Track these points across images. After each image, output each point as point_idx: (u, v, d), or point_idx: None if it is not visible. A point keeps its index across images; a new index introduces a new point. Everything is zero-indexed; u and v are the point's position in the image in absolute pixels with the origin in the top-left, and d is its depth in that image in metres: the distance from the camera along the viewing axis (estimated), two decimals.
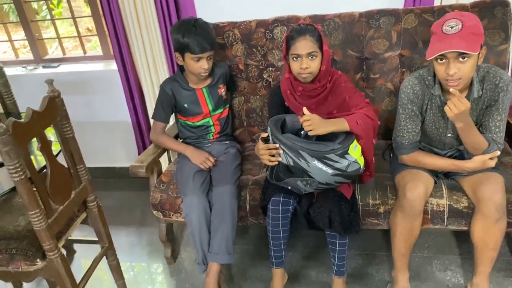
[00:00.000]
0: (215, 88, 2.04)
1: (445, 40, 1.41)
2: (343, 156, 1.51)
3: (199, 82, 2.01)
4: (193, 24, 1.86)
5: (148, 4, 2.30)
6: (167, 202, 1.96)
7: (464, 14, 1.44)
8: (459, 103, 1.40)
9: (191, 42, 1.82)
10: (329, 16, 2.10)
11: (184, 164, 1.97)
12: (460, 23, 1.40)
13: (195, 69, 1.89)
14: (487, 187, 1.55)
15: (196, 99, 2.00)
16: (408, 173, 1.71)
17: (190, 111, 2.01)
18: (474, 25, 1.41)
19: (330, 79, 1.73)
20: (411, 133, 1.68)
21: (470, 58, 1.41)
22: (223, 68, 2.10)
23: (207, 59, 1.88)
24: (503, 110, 1.55)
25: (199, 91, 2.00)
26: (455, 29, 1.40)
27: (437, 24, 1.47)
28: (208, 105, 2.02)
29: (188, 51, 1.85)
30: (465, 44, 1.38)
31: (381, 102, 2.11)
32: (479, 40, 1.42)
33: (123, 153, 2.96)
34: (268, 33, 2.16)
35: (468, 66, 1.42)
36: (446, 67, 1.44)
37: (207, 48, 1.85)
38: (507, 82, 1.52)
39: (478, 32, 1.42)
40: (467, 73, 1.44)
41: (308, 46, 1.62)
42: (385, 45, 2.07)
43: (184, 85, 1.99)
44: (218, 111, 2.07)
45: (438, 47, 1.42)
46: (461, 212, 1.67)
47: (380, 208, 1.76)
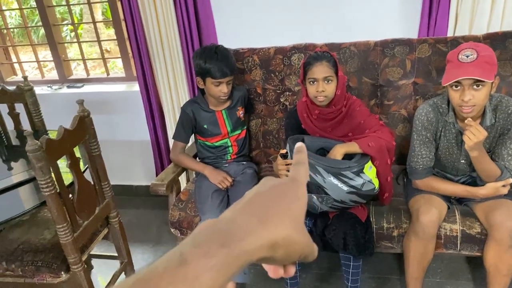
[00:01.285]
0: (234, 110, 2.12)
1: (461, 68, 1.48)
2: (358, 174, 1.58)
3: (219, 105, 2.09)
4: (215, 51, 1.96)
5: (172, 30, 2.41)
6: (185, 220, 2.01)
7: (479, 45, 1.52)
8: (478, 132, 1.46)
9: (212, 67, 1.92)
10: (345, 44, 2.18)
11: (202, 183, 2.03)
12: (475, 52, 1.47)
13: (215, 93, 1.99)
14: (499, 213, 1.59)
15: (216, 121, 2.08)
16: (422, 198, 1.75)
17: (209, 131, 2.09)
18: (488, 55, 1.48)
19: (345, 104, 1.81)
20: (425, 159, 1.73)
21: (484, 87, 1.47)
22: (241, 91, 2.19)
23: (227, 84, 1.98)
24: None
25: (219, 113, 2.09)
26: (471, 58, 1.47)
27: (452, 53, 1.54)
28: (226, 127, 2.10)
29: (209, 76, 1.94)
30: (480, 72, 1.45)
31: (395, 128, 2.17)
32: (493, 70, 1.48)
33: (141, 172, 3.04)
34: (286, 60, 2.24)
35: (482, 93, 1.48)
36: (461, 94, 1.50)
37: (227, 73, 1.94)
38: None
39: (492, 62, 1.49)
40: (481, 101, 1.50)
41: (324, 70, 1.71)
42: (399, 73, 2.13)
43: (204, 107, 2.07)
44: (236, 132, 2.14)
45: (454, 74, 1.49)
46: (474, 238, 1.70)
47: (394, 231, 1.79)
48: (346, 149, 1.68)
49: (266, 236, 0.37)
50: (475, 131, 1.46)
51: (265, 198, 0.41)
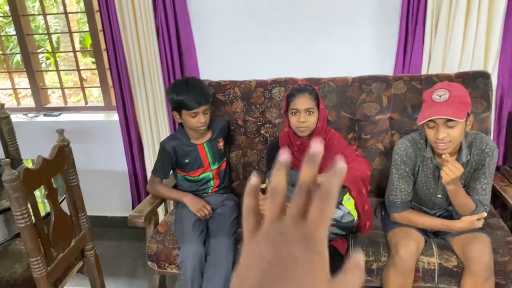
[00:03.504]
0: (215, 142, 2.12)
1: (434, 107, 1.54)
2: (337, 206, 1.60)
3: (200, 137, 2.08)
4: (186, 83, 1.98)
5: (154, 61, 2.42)
6: (163, 253, 1.97)
7: (452, 85, 1.59)
8: (455, 168, 1.51)
9: (185, 99, 1.92)
10: (324, 79, 2.25)
11: (182, 213, 2.01)
12: (448, 92, 1.54)
13: (193, 124, 1.98)
14: (475, 247, 1.63)
15: (198, 154, 2.07)
16: (400, 231, 1.78)
17: (191, 165, 2.07)
18: (461, 95, 1.55)
19: (325, 137, 1.85)
20: (404, 193, 1.77)
21: (458, 125, 1.53)
22: (222, 122, 2.20)
23: (203, 114, 1.97)
24: (489, 174, 1.66)
25: (200, 146, 2.08)
26: (443, 97, 1.54)
27: (427, 92, 1.61)
28: (208, 159, 2.10)
29: (184, 108, 1.94)
30: (451, 111, 1.51)
31: (372, 161, 2.22)
32: (465, 109, 1.55)
33: (116, 202, 2.98)
34: (267, 93, 2.28)
35: (456, 131, 1.54)
36: (436, 132, 1.56)
37: (201, 102, 1.94)
38: (492, 148, 1.65)
39: (465, 101, 1.56)
40: (455, 138, 1.56)
41: (306, 102, 1.76)
42: (376, 109, 2.20)
43: (185, 141, 2.06)
44: (217, 165, 2.13)
45: (427, 114, 1.55)
46: (451, 271, 1.73)
47: (373, 264, 1.80)
48: None
49: None
50: (452, 167, 1.52)
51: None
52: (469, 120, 1.60)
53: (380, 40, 2.34)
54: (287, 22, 2.40)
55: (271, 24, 2.41)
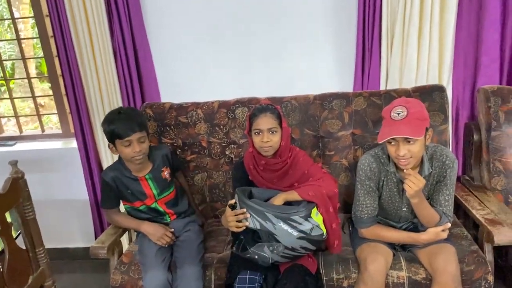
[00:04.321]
0: (158, 172, 1.98)
1: (393, 126, 1.57)
2: (306, 219, 1.61)
3: (141, 169, 1.95)
4: (118, 111, 1.88)
5: (113, 85, 2.38)
6: (128, 284, 1.89)
7: (409, 101, 1.62)
8: (417, 181, 1.54)
9: (116, 127, 1.81)
10: (286, 98, 2.26)
11: (144, 242, 1.93)
12: (406, 110, 1.57)
13: (128, 154, 1.84)
14: (441, 258, 1.64)
15: (140, 187, 1.95)
16: (368, 246, 1.78)
17: (135, 197, 1.96)
18: (418, 111, 1.58)
19: (290, 155, 1.85)
20: (370, 208, 1.78)
21: (417, 141, 1.56)
22: (163, 150, 2.06)
23: (138, 142, 1.84)
24: (450, 185, 1.70)
25: (142, 178, 1.95)
26: (401, 115, 1.57)
27: (386, 110, 1.64)
28: (152, 191, 1.97)
29: (117, 138, 1.82)
30: (410, 129, 1.54)
31: (337, 177, 2.23)
32: (423, 124, 1.58)
33: (78, 233, 2.86)
34: (230, 113, 2.27)
35: (416, 147, 1.57)
36: (396, 149, 1.59)
37: (135, 129, 1.82)
38: (452, 159, 1.69)
39: (423, 117, 1.59)
40: (415, 153, 1.58)
41: (269, 122, 1.76)
42: (338, 125, 2.22)
43: (126, 173, 1.94)
44: (164, 195, 2.01)
45: (386, 132, 1.58)
46: (420, 284, 1.74)
47: (344, 282, 1.79)
48: (286, 197, 1.72)
49: None
50: (414, 180, 1.54)
51: None
52: (428, 134, 1.63)
53: (339, 58, 2.40)
54: (248, 42, 2.42)
55: (232, 44, 2.43)
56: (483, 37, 2.17)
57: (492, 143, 2.13)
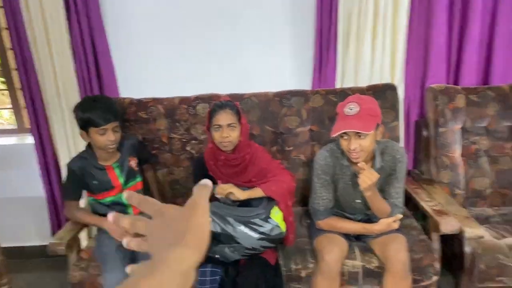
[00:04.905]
0: (125, 162, 2.00)
1: (345, 120, 1.65)
2: (266, 220, 1.66)
3: (109, 158, 1.96)
4: (93, 100, 1.90)
5: (70, 81, 2.33)
6: (88, 280, 1.88)
7: (362, 98, 1.71)
8: (370, 175, 1.63)
9: (92, 115, 1.81)
10: (247, 95, 2.31)
11: (104, 238, 1.92)
12: (358, 106, 1.65)
13: (102, 143, 1.86)
14: (392, 247, 1.75)
15: (106, 176, 1.95)
16: (325, 238, 1.86)
17: (101, 187, 1.96)
18: (370, 108, 1.67)
19: (249, 151, 1.90)
20: (326, 200, 1.86)
21: (368, 136, 1.65)
22: (131, 140, 2.08)
23: (113, 131, 1.86)
24: (401, 179, 1.80)
25: (109, 167, 1.96)
26: (354, 111, 1.65)
27: (340, 105, 1.72)
28: (119, 179, 1.98)
29: (92, 125, 1.83)
30: (361, 124, 1.63)
31: (296, 172, 2.30)
32: (374, 120, 1.67)
33: (34, 231, 2.78)
34: (191, 109, 2.29)
35: (367, 141, 1.66)
36: (348, 143, 1.67)
37: (110, 119, 1.84)
38: (402, 154, 1.79)
39: (374, 114, 1.68)
40: (366, 147, 1.67)
41: (228, 118, 1.80)
42: (297, 122, 2.30)
43: (93, 162, 1.94)
44: (130, 185, 2.02)
45: (339, 127, 1.66)
46: (374, 272, 1.83)
47: (302, 272, 1.86)
48: (250, 194, 1.76)
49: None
50: (368, 174, 1.63)
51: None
52: (380, 130, 1.73)
53: (298, 57, 2.46)
54: (209, 39, 2.44)
55: (193, 40, 2.44)
56: (432, 39, 2.30)
57: (440, 139, 2.26)
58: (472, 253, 1.84)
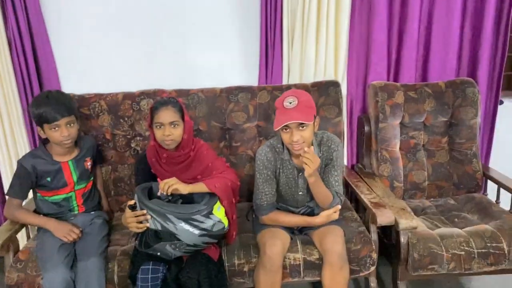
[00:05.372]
0: (81, 161, 2.00)
1: (286, 114, 1.69)
2: (208, 216, 1.65)
3: (65, 154, 1.96)
4: (46, 95, 1.87)
5: (8, 76, 2.23)
6: (26, 282, 1.82)
7: (298, 92, 1.77)
8: (314, 159, 1.66)
9: (44, 112, 1.80)
10: (193, 91, 2.30)
11: (45, 238, 1.87)
12: (296, 99, 1.70)
13: (56, 139, 1.85)
14: (329, 239, 1.80)
15: (61, 172, 1.94)
16: (268, 232, 1.89)
17: (53, 185, 1.93)
18: (307, 100, 1.73)
19: (193, 148, 1.89)
20: (268, 195, 1.89)
21: (308, 126, 1.71)
22: (90, 141, 2.09)
23: (66, 126, 1.85)
24: (338, 167, 1.86)
25: (65, 164, 1.94)
26: (293, 104, 1.69)
27: (279, 100, 1.76)
28: (73, 178, 1.97)
29: (45, 122, 1.82)
30: (302, 116, 1.68)
31: (243, 167, 2.32)
32: (312, 112, 1.73)
33: None
34: (135, 105, 2.25)
35: (307, 132, 1.71)
36: (290, 135, 1.71)
37: (63, 114, 1.83)
38: (337, 143, 1.87)
39: (311, 106, 1.74)
40: (307, 138, 1.72)
41: (170, 115, 1.78)
42: (244, 117, 2.31)
43: (47, 159, 1.91)
44: (81, 186, 2.00)
45: (281, 120, 1.69)
46: (314, 264, 1.88)
47: (245, 267, 1.88)
48: (192, 188, 1.73)
49: None
50: (311, 158, 1.66)
51: None
52: (316, 121, 1.79)
53: (244, 53, 2.48)
54: (154, 33, 2.41)
55: (137, 34, 2.40)
56: (373, 37, 2.38)
57: (380, 134, 2.35)
58: (407, 243, 1.93)
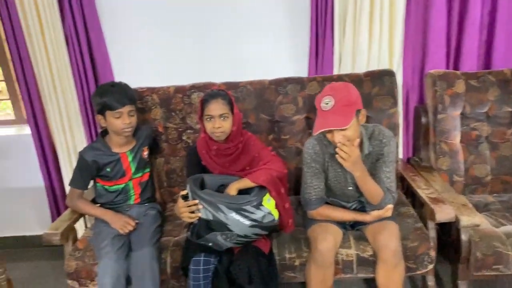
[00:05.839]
0: (139, 151, 2.04)
1: (323, 117, 1.63)
2: (258, 207, 1.64)
3: (123, 145, 2.00)
4: (111, 85, 1.94)
5: (65, 71, 2.33)
6: (84, 270, 1.89)
7: (335, 88, 1.67)
8: (349, 150, 1.58)
9: (108, 99, 1.87)
10: (242, 83, 2.28)
11: (102, 228, 1.93)
12: (333, 99, 1.62)
13: (118, 127, 1.90)
14: (383, 235, 1.72)
15: (119, 163, 1.99)
16: (318, 227, 1.84)
17: (113, 175, 1.99)
18: (344, 97, 1.62)
19: (242, 140, 1.88)
20: (317, 190, 1.84)
21: (350, 125, 1.61)
22: (147, 131, 2.13)
23: (128, 115, 1.91)
24: (389, 162, 1.77)
25: (123, 155, 2.00)
26: (329, 105, 1.62)
27: (317, 99, 1.69)
28: (131, 168, 2.02)
29: (108, 109, 1.88)
30: (338, 119, 1.59)
31: (292, 160, 2.28)
32: (352, 110, 1.62)
33: (35, 221, 2.81)
34: (186, 98, 2.27)
35: (350, 131, 1.62)
36: (332, 136, 1.64)
37: (126, 102, 1.89)
38: (389, 138, 1.76)
39: (349, 103, 1.63)
40: (351, 136, 1.63)
41: (220, 108, 1.78)
42: (293, 109, 2.27)
43: (106, 151, 1.97)
44: (139, 175, 2.06)
45: (318, 125, 1.63)
46: (368, 260, 1.82)
47: (296, 261, 1.85)
48: (239, 185, 1.75)
49: None
50: (346, 150, 1.58)
51: None
52: (362, 114, 1.69)
53: (293, 43, 2.43)
54: (203, 26, 2.41)
55: (187, 28, 2.41)
56: (430, 23, 2.24)
57: (438, 125, 2.22)
58: (468, 241, 1.81)
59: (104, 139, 2.01)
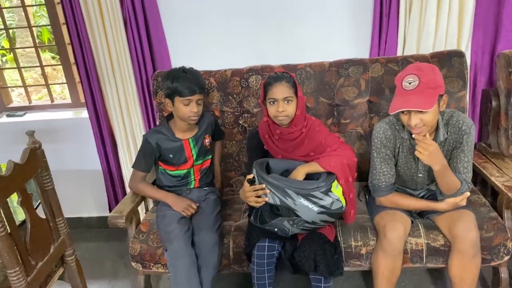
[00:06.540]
0: (201, 138, 2.03)
1: (404, 96, 1.53)
2: (327, 193, 1.58)
3: (186, 132, 1.99)
4: (183, 70, 1.91)
5: (123, 54, 2.32)
6: (147, 252, 1.91)
7: (422, 68, 1.56)
8: (425, 144, 1.50)
9: (179, 85, 1.84)
10: (301, 65, 2.21)
11: (165, 212, 1.93)
12: (417, 79, 1.52)
13: (185, 113, 1.88)
14: (461, 224, 1.64)
15: (182, 150, 1.98)
16: (386, 214, 1.78)
17: (175, 161, 1.99)
18: (430, 80, 1.52)
19: (305, 124, 1.81)
20: (387, 176, 1.77)
21: (430, 109, 1.51)
22: (209, 118, 2.10)
23: (197, 103, 1.89)
24: (468, 152, 1.67)
25: (185, 141, 1.98)
26: (413, 85, 1.52)
27: (398, 77, 1.59)
28: (193, 155, 2.01)
29: (178, 95, 1.86)
30: (420, 101, 1.49)
31: (353, 145, 2.21)
32: (436, 93, 1.53)
33: (91, 203, 2.87)
34: (243, 82, 2.23)
35: (429, 116, 1.53)
36: (408, 118, 1.55)
37: (196, 90, 1.86)
38: (469, 125, 1.65)
39: (435, 86, 1.53)
40: (428, 122, 1.55)
41: (284, 91, 1.71)
42: (355, 93, 2.18)
43: (170, 136, 1.97)
44: (199, 162, 2.05)
45: (397, 105, 1.54)
46: (439, 250, 1.75)
47: (362, 249, 1.80)
48: (307, 169, 1.69)
49: None
50: (423, 144, 1.51)
51: None
52: (443, 100, 1.59)
53: (354, 23, 2.33)
54: (261, 8, 2.34)
55: (244, 10, 2.35)
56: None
57: (511, 109, 2.09)
58: None
59: (169, 124, 2.00)
